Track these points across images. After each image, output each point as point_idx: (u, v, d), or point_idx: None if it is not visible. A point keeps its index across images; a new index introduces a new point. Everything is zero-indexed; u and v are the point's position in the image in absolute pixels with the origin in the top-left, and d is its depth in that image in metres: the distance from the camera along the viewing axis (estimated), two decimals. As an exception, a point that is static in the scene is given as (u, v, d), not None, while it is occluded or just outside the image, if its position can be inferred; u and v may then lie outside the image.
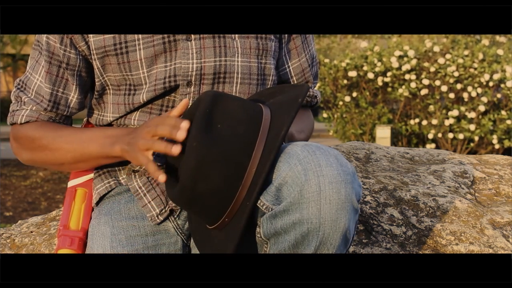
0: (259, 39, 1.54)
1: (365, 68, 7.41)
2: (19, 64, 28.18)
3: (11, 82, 33.22)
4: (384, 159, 2.21)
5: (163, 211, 1.49)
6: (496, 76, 7.02)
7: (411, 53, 7.35)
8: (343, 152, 2.21)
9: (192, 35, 1.48)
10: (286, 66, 1.65)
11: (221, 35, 1.50)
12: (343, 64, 7.54)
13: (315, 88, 1.76)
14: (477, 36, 7.77)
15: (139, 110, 1.54)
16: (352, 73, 7.43)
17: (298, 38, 1.65)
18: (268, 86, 1.58)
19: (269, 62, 1.57)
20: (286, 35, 1.62)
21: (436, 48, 7.31)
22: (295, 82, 1.67)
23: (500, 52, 7.26)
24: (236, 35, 1.51)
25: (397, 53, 7.36)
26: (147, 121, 1.39)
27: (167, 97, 1.51)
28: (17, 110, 1.56)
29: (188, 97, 1.50)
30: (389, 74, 7.32)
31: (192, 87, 1.49)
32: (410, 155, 2.27)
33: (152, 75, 1.49)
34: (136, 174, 1.54)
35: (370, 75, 7.32)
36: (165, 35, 1.48)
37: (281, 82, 1.66)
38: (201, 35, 1.49)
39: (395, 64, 7.25)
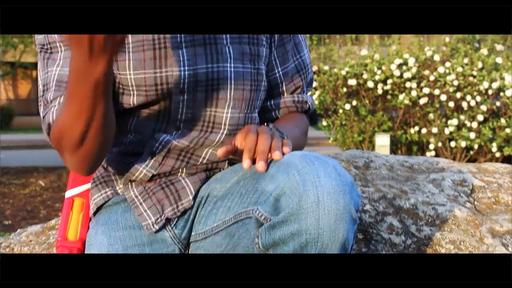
0: (251, 45, 1.54)
1: (365, 76, 7.42)
2: (18, 72, 28.19)
3: (11, 90, 33.26)
4: (383, 167, 2.20)
5: (158, 220, 1.49)
6: (495, 85, 7.03)
7: (411, 61, 7.36)
8: (343, 161, 2.20)
9: (183, 43, 1.48)
10: (276, 71, 1.65)
11: (213, 41, 1.50)
12: (343, 72, 7.54)
13: (308, 95, 1.75)
14: (476, 44, 7.78)
15: (136, 116, 1.53)
16: (352, 81, 7.43)
17: (289, 44, 1.65)
18: (262, 91, 1.59)
19: (261, 67, 1.57)
20: (276, 40, 1.62)
21: (436, 57, 7.32)
22: (284, 87, 1.67)
23: (498, 60, 7.27)
24: (229, 41, 1.51)
25: (397, 61, 7.37)
26: None
27: (162, 102, 1.50)
28: (46, 113, 1.48)
29: (181, 105, 1.49)
30: (389, 82, 7.33)
31: (185, 94, 1.49)
32: (409, 164, 2.27)
33: (139, 79, 1.48)
34: (133, 183, 1.54)
35: (370, 84, 7.33)
36: (156, 41, 1.48)
37: (271, 87, 1.65)
38: (192, 43, 1.49)
39: (396, 72, 7.26)
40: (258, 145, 1.28)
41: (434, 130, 7.16)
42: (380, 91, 7.39)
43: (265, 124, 1.46)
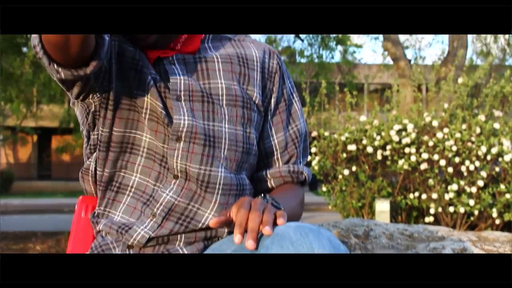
0: (245, 109, 1.59)
1: (364, 141, 7.44)
2: (19, 137, 28.29)
3: (11, 154, 33.35)
4: (383, 236, 2.19)
5: None
6: (493, 150, 7.04)
7: (410, 127, 7.39)
8: (342, 229, 2.20)
9: (182, 97, 1.52)
10: (271, 138, 1.68)
11: (210, 100, 1.55)
12: (343, 138, 7.57)
13: (303, 165, 1.76)
14: (475, 110, 7.83)
15: (143, 156, 1.56)
16: (352, 147, 7.45)
17: (284, 113, 1.69)
18: (252, 155, 1.62)
19: (252, 132, 1.61)
20: (272, 108, 1.66)
21: (435, 122, 7.36)
22: (279, 155, 1.69)
23: (496, 125, 7.30)
24: (224, 102, 1.54)
25: (396, 126, 7.40)
26: None
27: (162, 147, 1.54)
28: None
29: (177, 153, 1.51)
30: (388, 147, 7.35)
31: (182, 143, 1.51)
32: (409, 232, 2.26)
33: (153, 105, 1.53)
34: (131, 249, 1.53)
35: (370, 149, 7.35)
36: (159, 88, 1.53)
37: (266, 154, 1.68)
38: (191, 98, 1.53)
39: (395, 138, 7.28)
40: (249, 221, 1.28)
41: (434, 195, 7.14)
42: (379, 157, 7.41)
43: (262, 194, 1.47)
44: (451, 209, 7.13)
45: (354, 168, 7.55)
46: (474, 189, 7.05)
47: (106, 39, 1.40)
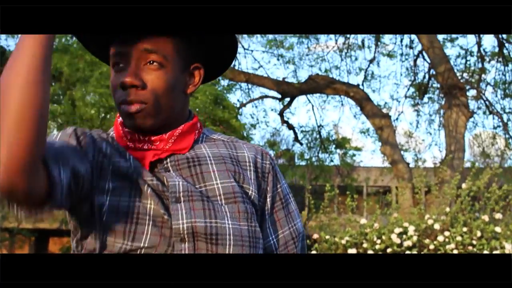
0: (246, 204, 1.59)
1: (365, 245, 7.41)
2: (16, 239, 28.12)
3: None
4: None
5: None
6: (495, 253, 7.00)
7: (411, 229, 7.37)
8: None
9: (181, 198, 1.53)
10: (271, 238, 1.69)
11: (209, 199, 1.56)
12: (343, 241, 7.54)
13: None
14: (476, 214, 7.82)
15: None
16: (352, 251, 7.41)
17: (281, 212, 1.71)
18: (259, 249, 1.61)
19: (257, 225, 1.61)
20: (269, 207, 1.68)
21: (436, 225, 7.34)
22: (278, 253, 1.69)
23: (498, 229, 7.28)
24: (223, 202, 1.56)
25: (397, 230, 7.38)
26: None
27: (165, 249, 1.52)
28: None
29: (183, 253, 1.51)
30: (389, 250, 7.31)
31: (186, 243, 1.51)
32: None
33: (155, 210, 1.53)
34: None
35: (370, 253, 7.30)
36: (160, 192, 1.53)
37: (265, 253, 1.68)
38: (190, 198, 1.54)
39: (396, 241, 7.25)
40: None
41: (437, 300, 7.06)
42: (380, 260, 7.36)
43: None
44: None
45: (355, 272, 7.47)
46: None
47: (59, 181, 1.39)
